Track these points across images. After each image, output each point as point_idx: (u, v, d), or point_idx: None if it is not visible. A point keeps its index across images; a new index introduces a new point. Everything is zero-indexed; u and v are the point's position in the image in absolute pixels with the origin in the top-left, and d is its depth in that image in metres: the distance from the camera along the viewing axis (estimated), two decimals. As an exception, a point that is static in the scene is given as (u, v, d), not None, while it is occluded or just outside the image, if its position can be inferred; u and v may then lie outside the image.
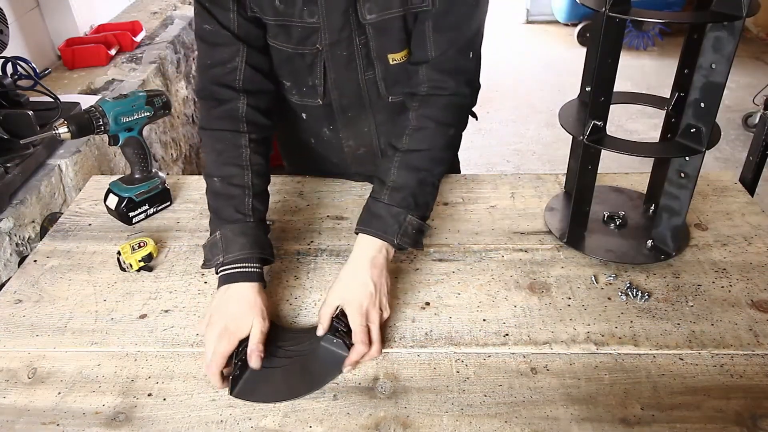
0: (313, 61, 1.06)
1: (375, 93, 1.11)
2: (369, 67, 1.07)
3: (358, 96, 1.12)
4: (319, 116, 1.17)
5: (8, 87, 1.54)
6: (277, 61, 1.08)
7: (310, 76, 1.08)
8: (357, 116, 1.16)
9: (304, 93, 1.12)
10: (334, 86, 1.10)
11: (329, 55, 1.04)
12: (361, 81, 1.09)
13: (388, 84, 1.10)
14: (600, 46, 0.91)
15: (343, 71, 1.07)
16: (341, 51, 1.04)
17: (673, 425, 0.79)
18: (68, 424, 0.81)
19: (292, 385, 0.86)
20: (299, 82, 1.10)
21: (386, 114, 1.15)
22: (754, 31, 5.03)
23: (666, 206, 1.04)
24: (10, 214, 1.29)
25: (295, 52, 1.04)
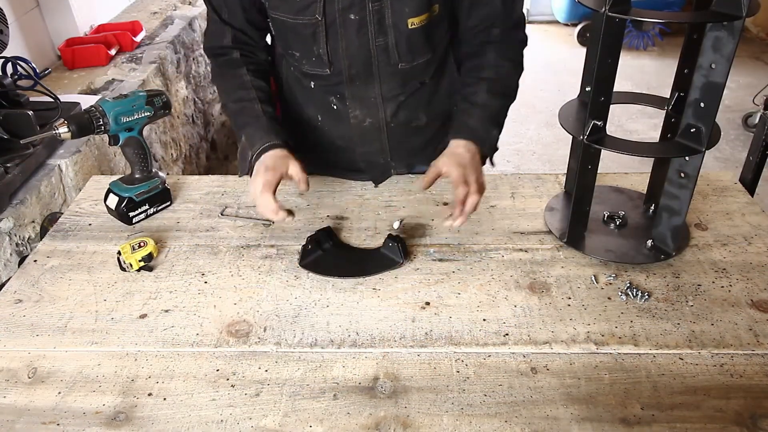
0: (315, 31, 1.11)
1: (385, 60, 1.15)
2: (380, 34, 1.11)
3: (368, 64, 1.16)
4: (327, 85, 1.21)
5: (8, 87, 1.54)
6: (283, 32, 1.16)
7: (315, 45, 1.13)
8: (364, 85, 1.19)
9: (313, 62, 1.17)
10: (344, 54, 1.14)
11: (340, 21, 1.09)
12: (372, 48, 1.13)
13: (401, 50, 1.14)
14: (600, 46, 0.91)
15: (353, 38, 1.11)
16: (353, 16, 1.09)
17: (673, 425, 0.79)
18: (68, 423, 0.81)
19: (347, 270, 1.06)
20: (307, 52, 1.16)
21: (394, 83, 1.20)
22: (754, 31, 5.04)
23: (666, 206, 1.04)
24: (10, 214, 1.29)
25: (295, 22, 1.11)
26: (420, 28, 1.11)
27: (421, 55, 1.17)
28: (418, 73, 1.21)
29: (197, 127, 2.55)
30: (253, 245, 1.13)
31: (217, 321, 0.97)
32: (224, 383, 0.86)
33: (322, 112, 1.27)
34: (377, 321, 0.96)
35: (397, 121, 1.26)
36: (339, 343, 0.92)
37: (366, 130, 1.26)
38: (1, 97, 1.51)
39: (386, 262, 1.06)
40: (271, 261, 1.09)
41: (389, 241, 1.07)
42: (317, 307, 0.99)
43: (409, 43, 1.13)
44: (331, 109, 1.25)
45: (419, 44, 1.15)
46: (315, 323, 0.96)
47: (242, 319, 0.97)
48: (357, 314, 0.98)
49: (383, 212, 1.21)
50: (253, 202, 1.07)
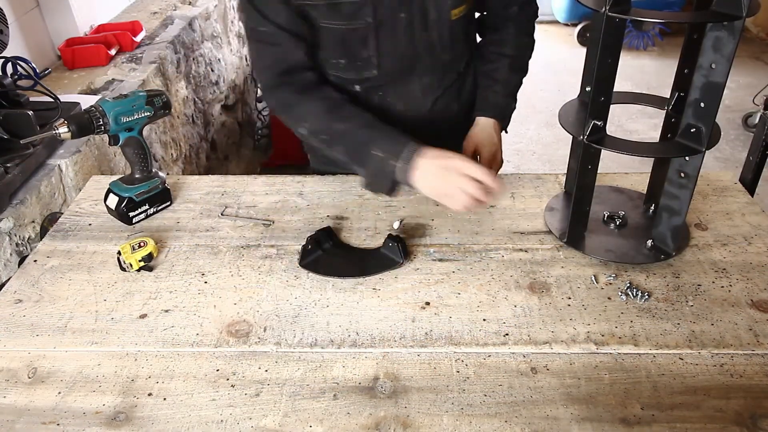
0: (366, 35, 1.11)
1: (429, 54, 1.19)
2: (424, 30, 1.14)
3: (413, 60, 1.18)
4: (372, 86, 1.22)
5: (8, 87, 1.54)
6: (332, 41, 1.14)
7: (364, 49, 1.14)
8: (407, 80, 1.22)
9: (359, 67, 1.17)
10: (392, 54, 1.16)
11: (390, 23, 1.11)
12: (418, 44, 1.16)
13: (444, 43, 1.18)
14: (600, 46, 0.91)
15: (401, 36, 1.13)
16: (401, 14, 1.10)
17: (673, 425, 0.79)
18: (68, 423, 0.81)
19: (347, 270, 1.05)
20: (354, 57, 1.16)
21: (434, 75, 1.24)
22: (754, 31, 5.03)
23: (666, 206, 1.04)
24: (10, 214, 1.29)
25: (347, 28, 1.10)
26: (461, 18, 1.16)
27: (461, 45, 1.23)
28: (456, 64, 1.26)
29: (197, 127, 2.55)
30: (253, 245, 1.13)
31: (217, 321, 0.97)
32: (224, 383, 0.86)
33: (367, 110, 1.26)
34: (377, 321, 0.96)
35: (435, 111, 1.29)
36: (339, 343, 0.92)
37: (406, 123, 1.26)
38: (1, 97, 1.51)
39: (386, 262, 1.06)
40: (271, 261, 1.09)
41: (389, 241, 1.07)
42: (317, 307, 0.99)
43: (451, 34, 1.18)
44: (374, 106, 1.25)
45: (460, 35, 1.21)
46: (315, 323, 0.96)
47: (242, 319, 0.97)
48: (357, 314, 0.98)
49: (383, 212, 1.21)
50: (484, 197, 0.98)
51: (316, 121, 1.12)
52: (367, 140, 1.06)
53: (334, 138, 1.10)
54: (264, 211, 1.23)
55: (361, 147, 1.06)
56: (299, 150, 1.47)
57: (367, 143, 1.05)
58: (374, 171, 1.05)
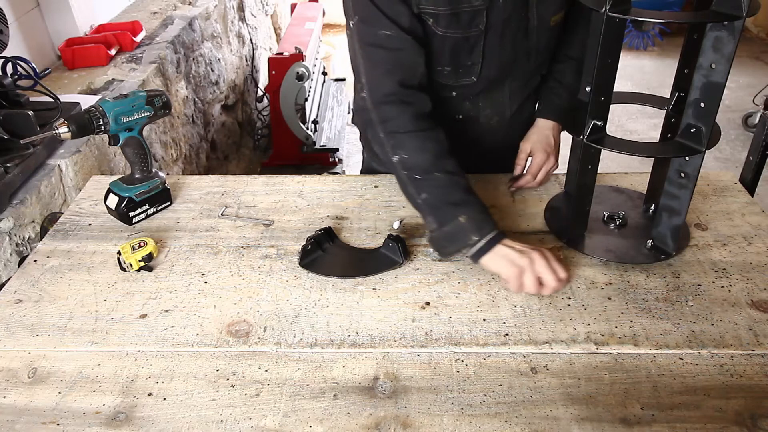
0: (475, 42, 1.11)
1: (525, 61, 1.19)
2: (524, 37, 1.15)
3: (510, 66, 1.19)
4: (467, 92, 1.22)
5: (8, 87, 1.53)
6: (443, 49, 1.11)
7: (470, 56, 1.14)
8: (498, 86, 1.23)
9: (460, 74, 1.17)
10: (494, 62, 1.16)
11: (499, 31, 1.11)
12: (518, 50, 1.16)
13: (541, 48, 1.19)
14: (600, 46, 0.91)
15: (507, 44, 1.14)
16: (512, 23, 1.11)
17: (673, 425, 0.79)
18: (68, 423, 0.81)
19: (347, 270, 1.06)
20: (459, 65, 1.15)
21: (522, 81, 1.25)
22: (754, 31, 5.03)
23: (666, 206, 1.04)
24: (10, 214, 1.29)
25: (462, 36, 1.09)
26: (558, 24, 1.17)
27: (552, 50, 1.24)
28: (542, 68, 1.27)
29: (197, 127, 2.55)
30: (253, 245, 1.13)
31: (217, 321, 0.97)
32: (224, 383, 0.86)
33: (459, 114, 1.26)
34: (377, 321, 0.96)
35: (517, 116, 1.30)
36: (339, 343, 0.92)
37: (493, 127, 1.29)
38: (1, 97, 1.50)
39: (386, 262, 1.06)
40: (271, 261, 1.09)
41: (389, 241, 1.07)
42: (317, 307, 0.99)
43: (549, 41, 1.19)
44: (465, 110, 1.26)
45: (555, 40, 1.21)
46: (315, 323, 0.96)
47: (242, 319, 0.97)
48: (357, 314, 0.98)
49: (383, 212, 1.21)
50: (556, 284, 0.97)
51: (418, 159, 1.04)
52: (460, 204, 1.02)
53: (427, 183, 1.04)
54: (264, 211, 1.23)
55: (450, 207, 1.02)
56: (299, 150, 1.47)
57: (458, 206, 1.01)
58: (451, 234, 1.01)
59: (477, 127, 1.29)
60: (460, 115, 1.26)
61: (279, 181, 1.32)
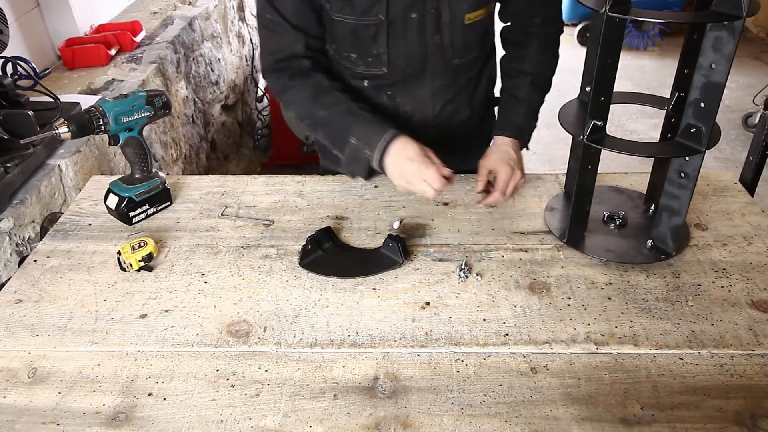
0: (376, 31, 1.12)
1: (439, 57, 1.18)
2: (436, 32, 1.14)
3: (423, 61, 1.18)
4: (380, 84, 1.23)
5: (8, 87, 1.53)
6: (343, 34, 1.15)
7: (374, 45, 1.15)
8: (416, 82, 1.22)
9: (369, 63, 1.19)
10: (403, 53, 1.16)
11: (401, 21, 1.11)
12: (428, 46, 1.15)
13: (456, 47, 1.17)
14: (600, 46, 0.91)
15: (411, 36, 1.14)
16: (414, 15, 1.11)
17: (673, 425, 0.79)
18: (68, 423, 0.81)
19: (347, 270, 1.05)
20: (365, 53, 1.17)
21: (444, 79, 1.23)
22: (754, 31, 5.03)
23: (666, 206, 1.04)
24: (10, 214, 1.29)
25: (358, 23, 1.12)
26: (476, 23, 1.15)
27: (474, 50, 1.21)
28: (468, 69, 1.25)
29: (197, 127, 2.55)
30: (253, 245, 1.13)
31: (217, 321, 0.97)
32: (224, 383, 0.86)
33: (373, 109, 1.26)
34: (377, 321, 0.96)
35: (443, 116, 1.29)
36: (339, 343, 0.92)
37: (413, 126, 1.28)
38: (1, 97, 1.50)
39: (386, 262, 1.06)
40: (271, 261, 1.09)
41: (389, 241, 1.07)
42: (317, 307, 0.99)
43: (465, 39, 1.17)
44: (382, 105, 1.26)
45: (474, 40, 1.19)
46: (315, 323, 0.96)
47: (242, 319, 0.97)
48: (357, 314, 0.98)
49: (383, 212, 1.21)
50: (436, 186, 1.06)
51: (301, 107, 1.17)
52: (346, 128, 1.12)
53: (316, 124, 1.17)
54: (264, 211, 1.23)
55: (340, 134, 1.13)
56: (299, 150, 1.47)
57: (345, 131, 1.12)
58: (350, 157, 1.12)
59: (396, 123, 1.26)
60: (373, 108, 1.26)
61: (279, 181, 1.32)
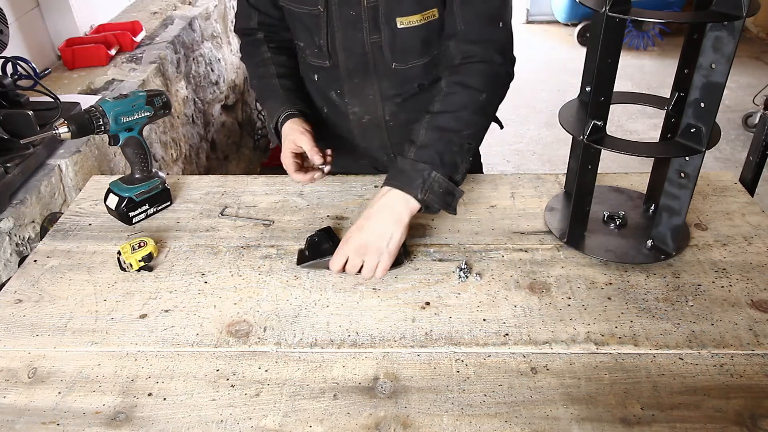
0: (317, 22, 1.13)
1: (380, 58, 1.16)
2: (375, 31, 1.12)
3: (364, 60, 1.17)
4: (328, 79, 1.24)
5: (8, 87, 1.54)
6: (290, 21, 1.20)
7: (317, 36, 1.16)
8: (362, 82, 1.21)
9: (315, 54, 1.20)
10: (341, 47, 1.16)
11: (338, 14, 1.11)
12: (366, 44, 1.14)
13: (394, 50, 1.15)
14: (600, 46, 0.91)
15: (349, 32, 1.13)
16: (349, 10, 1.11)
17: (673, 425, 0.79)
18: (68, 423, 0.81)
19: None
20: (310, 43, 1.19)
21: (391, 82, 1.20)
22: (754, 31, 5.04)
23: (666, 206, 1.04)
24: (10, 214, 1.29)
25: (300, 11, 1.14)
26: (413, 29, 1.11)
27: (414, 57, 1.16)
28: (416, 76, 1.20)
29: (197, 127, 2.55)
30: (253, 245, 1.13)
31: (217, 321, 0.97)
32: (224, 383, 0.86)
33: (326, 105, 1.30)
34: (377, 321, 0.96)
35: (397, 121, 1.27)
36: (339, 343, 0.92)
37: (366, 127, 1.28)
38: (1, 97, 1.50)
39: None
40: (271, 261, 1.09)
41: None
42: (317, 307, 0.99)
43: (402, 43, 1.13)
44: (333, 103, 1.28)
45: (413, 46, 1.14)
46: (315, 323, 0.96)
47: (242, 319, 0.97)
48: (357, 314, 0.98)
49: (383, 212, 1.21)
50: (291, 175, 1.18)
51: (248, 75, 1.31)
52: (264, 99, 1.26)
53: (254, 90, 1.30)
54: (264, 211, 1.23)
55: (262, 104, 1.27)
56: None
57: (264, 101, 1.26)
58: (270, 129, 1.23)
59: (346, 124, 1.28)
60: (325, 108, 1.31)
61: (279, 181, 1.32)
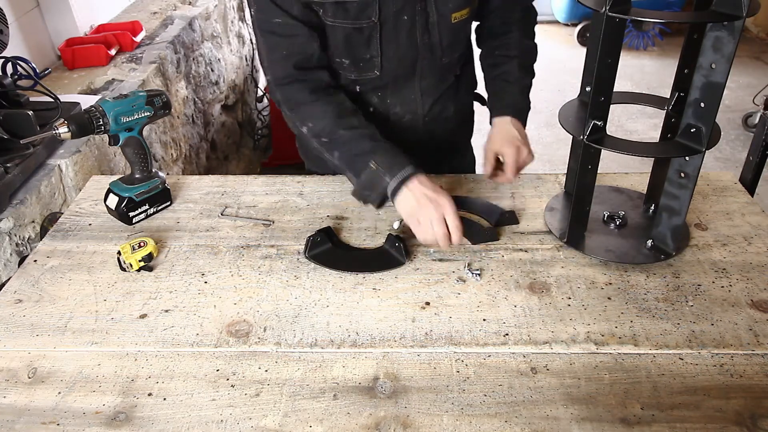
0: (370, 35, 1.13)
1: (429, 57, 1.20)
2: (426, 32, 1.16)
3: (413, 63, 1.20)
4: (372, 87, 1.24)
5: (8, 87, 1.53)
6: (336, 40, 1.14)
7: (368, 49, 1.15)
8: (405, 82, 1.23)
9: (361, 68, 1.19)
10: (395, 56, 1.17)
11: (392, 24, 1.12)
12: (419, 46, 1.17)
13: (445, 46, 1.19)
14: (600, 46, 0.91)
15: (403, 38, 1.15)
16: (404, 17, 1.12)
17: (673, 425, 0.79)
18: (68, 423, 0.81)
19: (351, 265, 1.06)
20: (357, 58, 1.17)
21: (433, 78, 1.25)
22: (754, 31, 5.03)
23: (666, 206, 1.04)
24: (10, 214, 1.29)
25: (353, 27, 1.11)
26: (462, 21, 1.18)
27: (460, 47, 1.25)
28: (454, 66, 1.28)
29: (197, 127, 2.55)
30: (253, 245, 1.13)
31: (217, 321, 0.97)
32: (224, 383, 0.86)
33: (364, 111, 1.25)
34: (377, 321, 0.96)
35: (432, 115, 1.31)
36: (339, 343, 0.92)
37: (405, 125, 1.30)
38: (1, 97, 1.50)
39: (390, 261, 1.06)
40: (271, 261, 1.09)
41: (395, 240, 1.08)
42: (317, 307, 0.99)
43: (452, 37, 1.19)
44: (373, 108, 1.27)
45: (460, 38, 1.22)
46: (315, 323, 0.96)
47: (242, 319, 0.97)
48: (357, 314, 0.98)
49: (383, 212, 1.21)
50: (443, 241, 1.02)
51: (321, 123, 1.12)
52: (368, 151, 1.08)
53: (335, 142, 1.11)
54: (264, 211, 1.23)
55: (361, 156, 1.08)
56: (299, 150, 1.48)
57: (367, 154, 1.07)
58: (367, 182, 1.07)
59: (388, 125, 1.28)
60: (364, 110, 1.25)
61: (279, 181, 1.32)
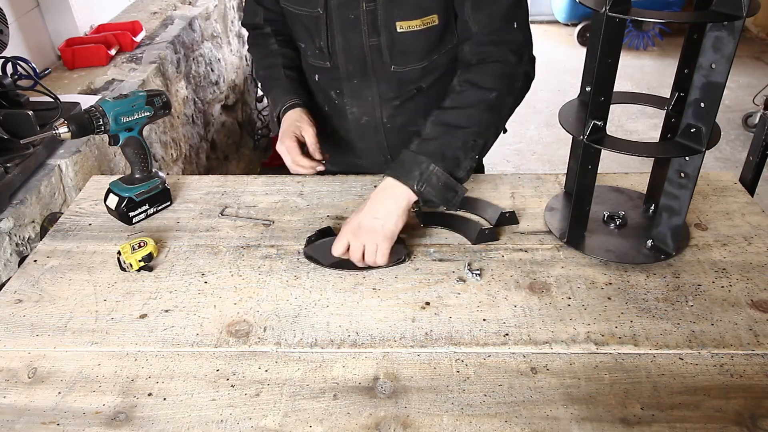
0: (317, 24, 1.15)
1: (379, 61, 1.18)
2: (374, 34, 1.14)
3: (363, 62, 1.19)
4: (329, 79, 1.26)
5: (8, 87, 1.53)
6: (291, 22, 1.24)
7: (317, 37, 1.18)
8: (361, 84, 1.22)
9: (316, 55, 1.22)
10: (340, 49, 1.18)
11: (337, 16, 1.13)
12: (365, 47, 1.16)
13: (393, 53, 1.16)
14: (600, 46, 0.91)
15: (349, 35, 1.15)
16: (348, 14, 1.12)
17: (673, 425, 0.79)
18: (68, 423, 0.81)
19: (345, 264, 1.05)
20: (310, 44, 1.21)
21: (389, 85, 1.22)
22: (754, 31, 5.04)
23: (666, 206, 1.04)
24: (10, 214, 1.29)
25: (300, 13, 1.16)
26: (411, 33, 1.12)
27: (413, 60, 1.18)
28: (414, 79, 1.21)
29: (197, 127, 2.55)
30: (253, 245, 1.13)
31: (217, 321, 0.97)
32: (224, 383, 0.86)
33: (326, 104, 1.32)
34: (377, 321, 0.96)
35: (394, 123, 1.28)
36: (339, 343, 0.92)
37: (364, 128, 1.30)
38: (1, 97, 1.50)
39: (391, 260, 1.06)
40: (271, 261, 1.09)
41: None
42: (317, 307, 0.99)
43: (401, 46, 1.15)
44: (333, 102, 1.29)
45: (412, 49, 1.16)
46: (315, 323, 0.96)
47: (242, 319, 0.97)
48: (357, 314, 0.98)
49: (383, 212, 1.21)
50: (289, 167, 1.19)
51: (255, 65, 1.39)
52: (269, 89, 1.29)
53: (259, 80, 1.34)
54: (264, 211, 1.23)
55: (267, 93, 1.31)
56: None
57: (269, 91, 1.29)
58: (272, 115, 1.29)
59: (345, 124, 1.31)
60: (325, 107, 1.33)
61: (279, 181, 1.32)
